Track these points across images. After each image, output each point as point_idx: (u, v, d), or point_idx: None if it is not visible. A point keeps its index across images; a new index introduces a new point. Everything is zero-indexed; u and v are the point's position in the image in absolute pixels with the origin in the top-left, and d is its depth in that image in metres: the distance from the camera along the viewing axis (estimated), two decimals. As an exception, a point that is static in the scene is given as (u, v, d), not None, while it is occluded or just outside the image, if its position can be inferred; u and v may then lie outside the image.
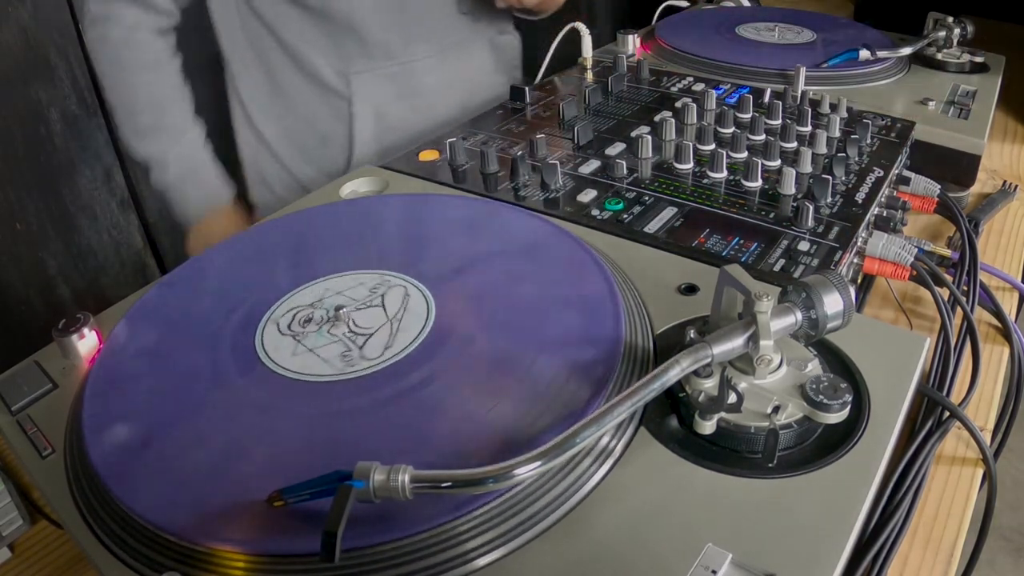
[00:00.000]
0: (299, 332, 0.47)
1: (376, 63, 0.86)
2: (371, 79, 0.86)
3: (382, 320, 0.47)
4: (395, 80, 0.88)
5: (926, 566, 0.45)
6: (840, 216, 0.59)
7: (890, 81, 0.88)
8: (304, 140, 0.90)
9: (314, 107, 0.88)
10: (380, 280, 0.51)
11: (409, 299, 0.48)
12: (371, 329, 0.46)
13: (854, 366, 0.43)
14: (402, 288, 0.50)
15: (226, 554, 0.34)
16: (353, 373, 0.43)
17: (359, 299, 0.49)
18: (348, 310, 0.48)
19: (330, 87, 0.86)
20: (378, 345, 0.45)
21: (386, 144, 0.90)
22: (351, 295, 0.49)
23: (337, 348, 0.45)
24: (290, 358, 0.45)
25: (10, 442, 0.44)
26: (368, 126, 0.88)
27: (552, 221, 0.56)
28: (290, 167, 0.92)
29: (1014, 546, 1.54)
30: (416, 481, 0.33)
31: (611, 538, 0.35)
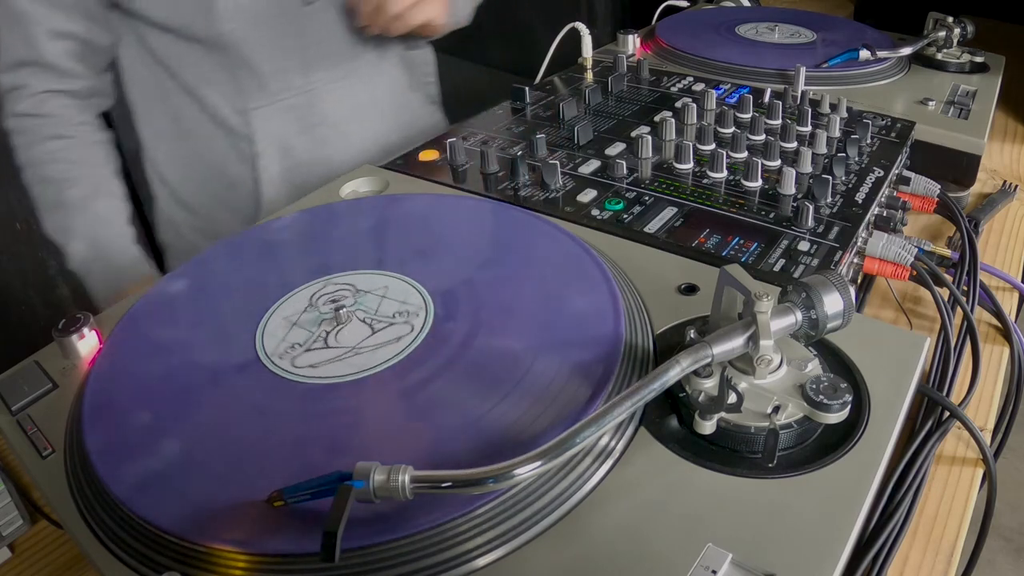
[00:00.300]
0: (299, 333, 0.47)
1: (275, 95, 0.79)
2: (271, 113, 0.80)
3: (381, 320, 0.47)
4: (297, 111, 0.82)
5: (926, 566, 0.45)
6: (840, 216, 0.59)
7: (890, 81, 0.88)
8: (213, 186, 0.84)
9: (219, 149, 0.82)
10: (380, 280, 0.51)
11: (409, 299, 0.48)
12: (371, 329, 0.46)
13: (854, 366, 0.43)
14: (402, 288, 0.50)
15: (226, 554, 0.34)
16: (353, 373, 0.43)
17: (359, 299, 0.49)
18: (348, 310, 0.48)
19: (231, 127, 0.80)
20: (378, 345, 0.45)
21: (297, 182, 0.84)
22: (351, 295, 0.49)
23: (337, 348, 0.45)
24: (290, 358, 0.45)
25: (10, 442, 0.44)
26: (274, 164, 0.82)
27: (552, 221, 0.56)
28: (201, 214, 0.86)
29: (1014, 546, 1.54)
30: (416, 481, 0.33)
31: (611, 538, 0.35)
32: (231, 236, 0.59)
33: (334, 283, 0.51)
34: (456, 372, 0.43)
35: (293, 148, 0.83)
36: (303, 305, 0.49)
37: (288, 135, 0.82)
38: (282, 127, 0.81)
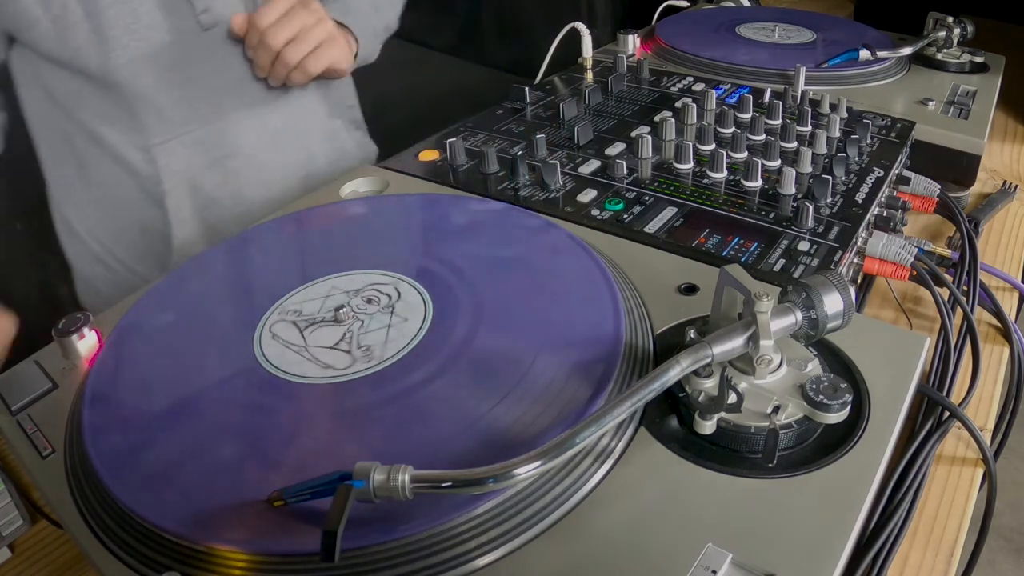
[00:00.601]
0: (298, 332, 0.47)
1: (179, 128, 0.74)
2: (176, 148, 0.74)
3: (381, 321, 0.47)
4: (204, 144, 0.76)
5: (926, 566, 0.45)
6: (840, 216, 0.59)
7: (890, 81, 0.88)
8: (125, 234, 0.78)
9: (127, 193, 0.75)
10: (380, 280, 0.51)
11: (408, 299, 0.48)
12: (370, 329, 0.46)
13: (854, 366, 0.43)
14: (401, 288, 0.50)
15: (226, 554, 0.34)
16: (352, 373, 0.43)
17: (358, 299, 0.49)
18: (347, 310, 0.48)
19: (135, 166, 0.74)
20: (377, 345, 0.45)
21: (211, 220, 0.78)
22: (350, 295, 0.49)
23: (337, 348, 0.45)
24: (289, 358, 0.45)
25: (10, 442, 0.44)
26: (184, 203, 0.76)
27: (552, 221, 0.56)
28: (113, 266, 0.79)
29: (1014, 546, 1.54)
30: (416, 481, 0.33)
31: (611, 538, 0.35)
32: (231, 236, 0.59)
33: (334, 283, 0.51)
34: (456, 372, 0.43)
35: (203, 184, 0.77)
36: (303, 305, 0.49)
37: (196, 170, 0.76)
38: (189, 162, 0.75)
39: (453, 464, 0.36)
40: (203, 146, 0.75)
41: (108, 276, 0.80)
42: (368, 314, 0.48)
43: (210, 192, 0.77)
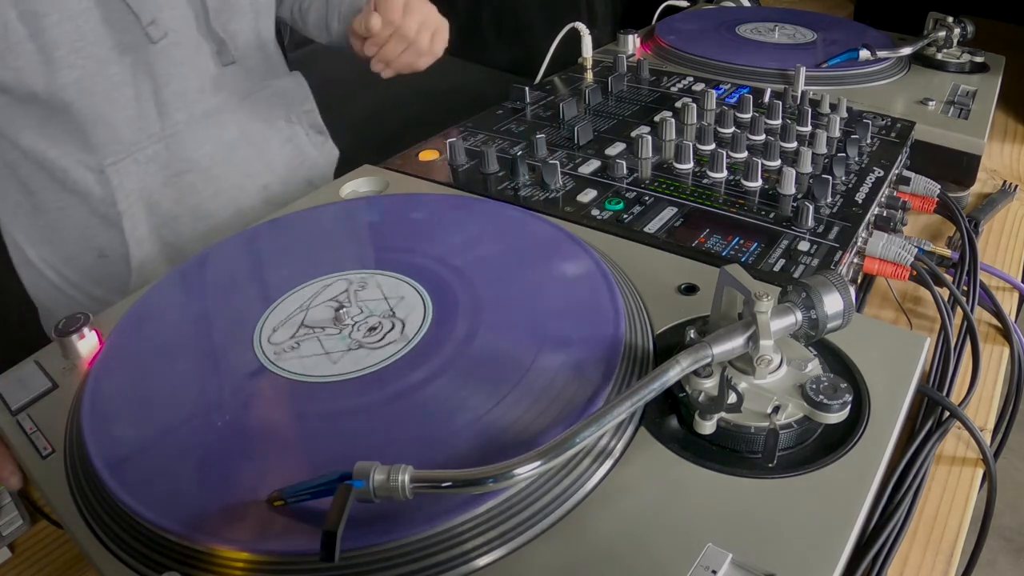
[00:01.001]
0: (298, 332, 0.47)
1: (131, 146, 0.71)
2: (129, 166, 0.71)
3: (381, 320, 0.47)
4: (158, 160, 0.73)
5: (926, 566, 0.45)
6: (840, 216, 0.59)
7: (890, 81, 0.88)
8: (81, 259, 0.76)
9: (80, 217, 0.73)
10: (379, 280, 0.51)
11: (408, 299, 0.48)
12: (370, 329, 0.46)
13: (854, 366, 0.43)
14: (401, 288, 0.50)
15: (226, 554, 0.34)
16: (352, 373, 0.43)
17: (358, 299, 0.49)
18: (347, 310, 0.48)
19: (87, 189, 0.71)
20: (376, 345, 0.45)
21: (170, 239, 0.76)
22: (350, 294, 0.49)
23: (336, 348, 0.45)
24: (289, 358, 0.45)
25: (10, 442, 0.44)
26: (141, 223, 0.74)
27: (552, 221, 0.56)
28: (74, 295, 0.78)
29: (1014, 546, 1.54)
30: (416, 481, 0.33)
31: (611, 538, 0.35)
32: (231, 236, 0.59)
33: (334, 283, 0.51)
34: (456, 372, 0.43)
35: (160, 202, 0.75)
36: (303, 305, 0.49)
37: (152, 188, 0.73)
38: (143, 180, 0.73)
39: (453, 464, 0.36)
40: (157, 163, 0.73)
41: (67, 303, 0.78)
42: (368, 313, 0.47)
43: (168, 209, 0.75)
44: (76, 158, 0.70)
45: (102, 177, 0.70)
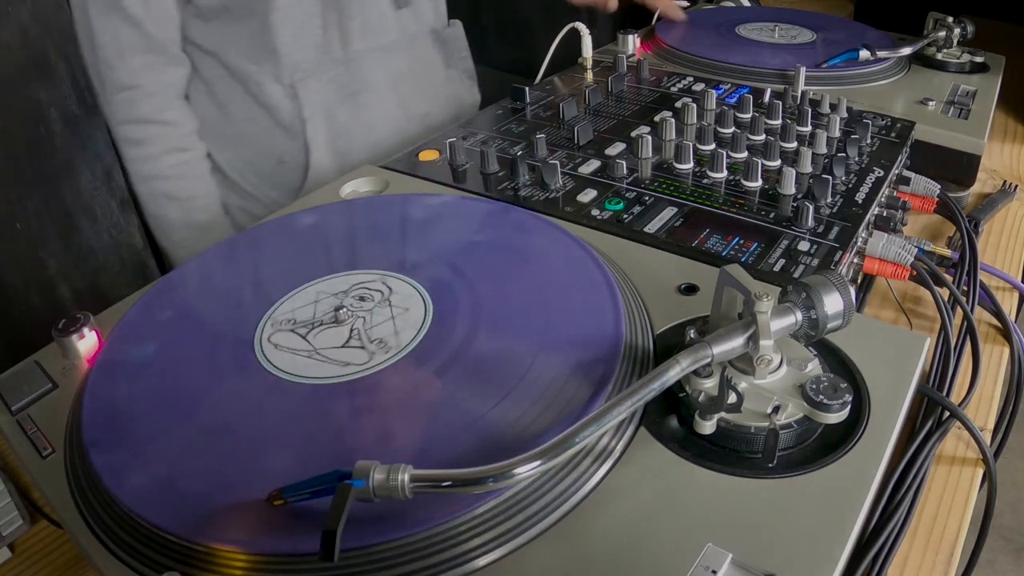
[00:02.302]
0: (298, 332, 0.47)
1: (317, 66, 0.85)
2: (316, 84, 0.85)
3: (381, 321, 0.47)
4: (338, 80, 0.87)
5: (926, 566, 0.45)
6: (840, 216, 0.59)
7: (890, 81, 0.88)
8: (262, 164, 0.89)
9: (266, 127, 0.87)
10: (379, 280, 0.51)
11: (408, 300, 0.48)
12: (370, 329, 0.46)
13: (854, 366, 0.43)
14: (402, 288, 0.50)
15: (226, 554, 0.34)
16: (352, 373, 0.43)
17: (359, 299, 0.49)
18: (348, 310, 0.48)
19: (277, 101, 0.85)
20: (376, 345, 0.45)
21: (342, 148, 0.89)
22: (351, 295, 0.49)
23: (336, 348, 0.45)
24: (289, 358, 0.45)
25: (10, 442, 0.44)
26: (320, 132, 0.87)
27: (552, 221, 0.56)
28: (254, 194, 0.91)
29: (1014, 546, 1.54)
30: (415, 480, 0.33)
31: (611, 538, 0.35)
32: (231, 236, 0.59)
33: (334, 283, 0.51)
34: (456, 372, 0.43)
35: (337, 116, 0.87)
36: (303, 305, 0.49)
37: (331, 103, 0.87)
38: (325, 96, 0.86)
39: (453, 464, 0.36)
40: (337, 83, 0.86)
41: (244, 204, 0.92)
42: (368, 314, 0.47)
43: (343, 123, 0.88)
44: (272, 74, 0.83)
45: (291, 91, 0.84)
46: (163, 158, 0.83)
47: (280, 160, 0.88)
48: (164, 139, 0.83)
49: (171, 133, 0.83)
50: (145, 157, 0.83)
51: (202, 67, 0.84)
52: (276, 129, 0.86)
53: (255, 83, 0.84)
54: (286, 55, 0.82)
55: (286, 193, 0.90)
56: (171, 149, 0.84)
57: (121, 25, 0.77)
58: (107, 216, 1.30)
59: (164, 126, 0.82)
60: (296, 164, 0.88)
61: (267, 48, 0.82)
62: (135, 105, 0.81)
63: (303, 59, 0.83)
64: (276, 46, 0.82)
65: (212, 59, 0.83)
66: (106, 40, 0.77)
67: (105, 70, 0.79)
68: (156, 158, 0.83)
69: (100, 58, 0.78)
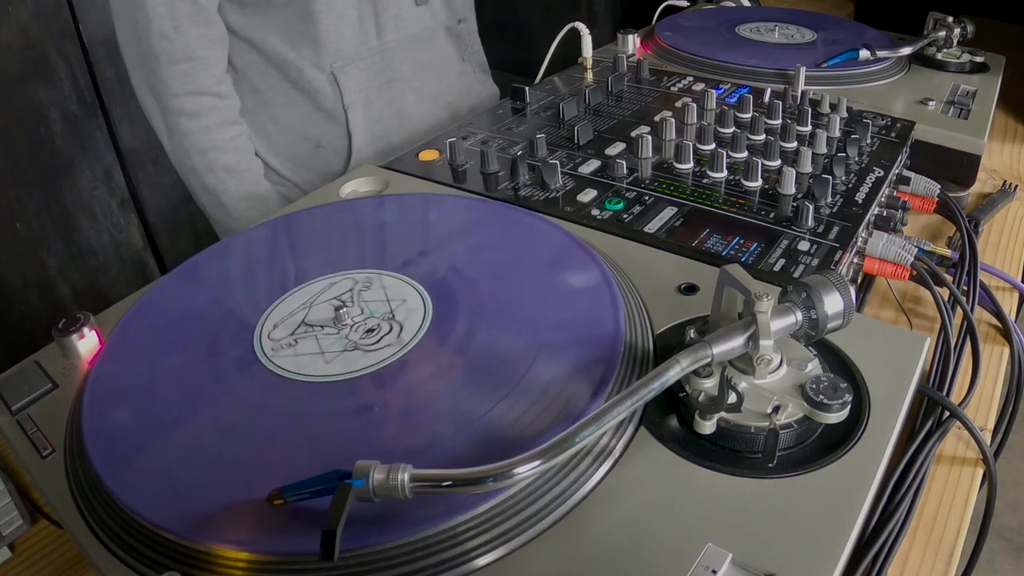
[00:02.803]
0: (298, 332, 0.47)
1: (355, 54, 0.88)
2: (354, 71, 0.89)
3: (381, 320, 0.47)
4: (374, 68, 0.91)
5: (926, 566, 0.45)
6: (840, 216, 0.59)
7: (890, 81, 0.88)
8: (299, 148, 0.92)
9: (303, 113, 0.89)
10: (379, 280, 0.51)
11: (408, 299, 0.48)
12: (369, 329, 0.46)
13: (854, 366, 0.43)
14: (402, 288, 0.50)
15: (226, 554, 0.34)
16: (352, 373, 0.43)
17: (358, 298, 0.49)
18: (347, 310, 0.48)
19: (318, 87, 0.88)
20: (376, 345, 0.45)
21: (379, 133, 0.93)
22: (350, 294, 0.49)
23: (336, 348, 0.45)
24: (289, 358, 0.45)
25: (10, 442, 0.44)
26: (359, 117, 0.90)
27: (552, 221, 0.56)
28: (290, 178, 0.93)
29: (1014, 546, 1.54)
30: (415, 480, 0.33)
31: (611, 538, 0.35)
32: (231, 236, 0.59)
33: (334, 283, 0.51)
34: (456, 372, 0.43)
35: (374, 102, 0.92)
36: (303, 304, 0.49)
37: (369, 89, 0.91)
38: (363, 83, 0.90)
39: (453, 464, 0.36)
40: (374, 71, 0.91)
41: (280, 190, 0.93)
42: (368, 313, 0.47)
43: (380, 109, 0.93)
44: (312, 61, 0.86)
45: (331, 78, 0.88)
46: (221, 129, 0.84)
47: (318, 144, 0.91)
48: (220, 111, 0.84)
49: (226, 106, 0.85)
50: (204, 128, 0.83)
51: (234, 54, 0.86)
52: (316, 114, 0.89)
53: (295, 69, 0.86)
54: (327, 42, 0.85)
55: (321, 177, 0.92)
56: (227, 122, 0.85)
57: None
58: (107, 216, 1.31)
59: (220, 99, 0.84)
60: (334, 148, 0.91)
61: (308, 35, 0.85)
62: (193, 77, 0.81)
63: (343, 46, 0.87)
64: (318, 33, 0.84)
65: (247, 46, 0.85)
66: (161, 12, 0.77)
67: (159, 42, 0.78)
68: (214, 129, 0.84)
69: (154, 30, 0.77)
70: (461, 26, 1.02)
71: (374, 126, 0.93)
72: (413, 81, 0.95)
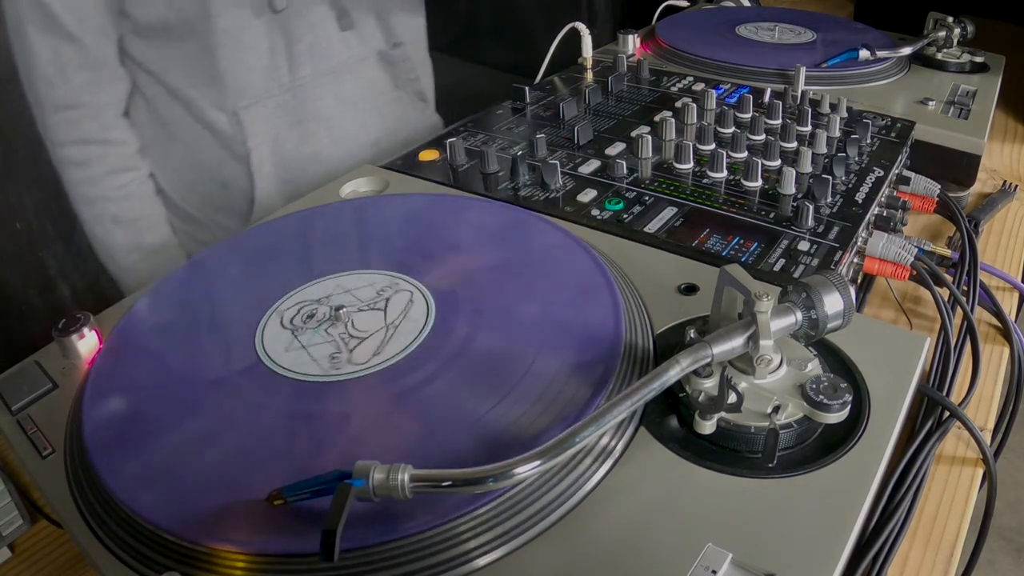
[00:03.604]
0: (299, 332, 0.47)
1: (264, 92, 0.82)
2: (261, 110, 0.82)
3: (381, 320, 0.47)
4: (285, 107, 0.84)
5: (926, 566, 0.45)
6: (840, 216, 0.59)
7: (890, 81, 0.88)
8: (205, 187, 0.84)
9: (210, 150, 0.82)
10: (380, 280, 0.51)
11: (409, 299, 0.48)
12: (370, 328, 0.46)
13: (854, 366, 0.43)
14: (402, 288, 0.50)
15: (226, 554, 0.34)
16: (353, 373, 0.43)
17: (359, 299, 0.49)
18: (348, 310, 0.48)
19: (221, 127, 0.81)
20: (377, 344, 0.45)
21: (288, 177, 0.86)
22: (351, 294, 0.49)
23: (336, 348, 0.45)
24: (289, 358, 0.45)
25: (10, 442, 0.44)
26: (266, 161, 0.84)
27: (552, 221, 0.56)
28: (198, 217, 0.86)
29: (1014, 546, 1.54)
30: (415, 480, 0.33)
31: (611, 538, 0.35)
32: (231, 236, 0.59)
33: (334, 283, 0.51)
34: (456, 372, 0.43)
35: (284, 144, 0.85)
36: (303, 304, 0.49)
37: (278, 131, 0.84)
38: (272, 123, 0.83)
39: (453, 464, 0.36)
40: (284, 109, 0.84)
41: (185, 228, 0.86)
42: (368, 314, 0.47)
43: (289, 151, 0.86)
44: (212, 100, 0.79)
45: (234, 118, 0.81)
46: (107, 179, 0.78)
47: (225, 184, 0.84)
48: (108, 160, 0.77)
49: (115, 153, 0.78)
50: (89, 179, 0.77)
51: (143, 84, 0.80)
52: (221, 151, 0.83)
53: (196, 107, 0.79)
54: (230, 80, 0.79)
55: (232, 217, 0.85)
56: (115, 170, 0.78)
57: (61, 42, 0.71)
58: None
59: (108, 145, 0.77)
60: (240, 190, 0.84)
61: (208, 72, 0.78)
62: (77, 125, 0.75)
63: (248, 84, 0.80)
64: (218, 71, 0.78)
65: (152, 77, 0.78)
66: (47, 56, 0.71)
67: (44, 88, 0.73)
68: (100, 179, 0.77)
69: (39, 75, 0.72)
70: (395, 51, 0.95)
71: (281, 170, 0.86)
72: (331, 119, 0.89)
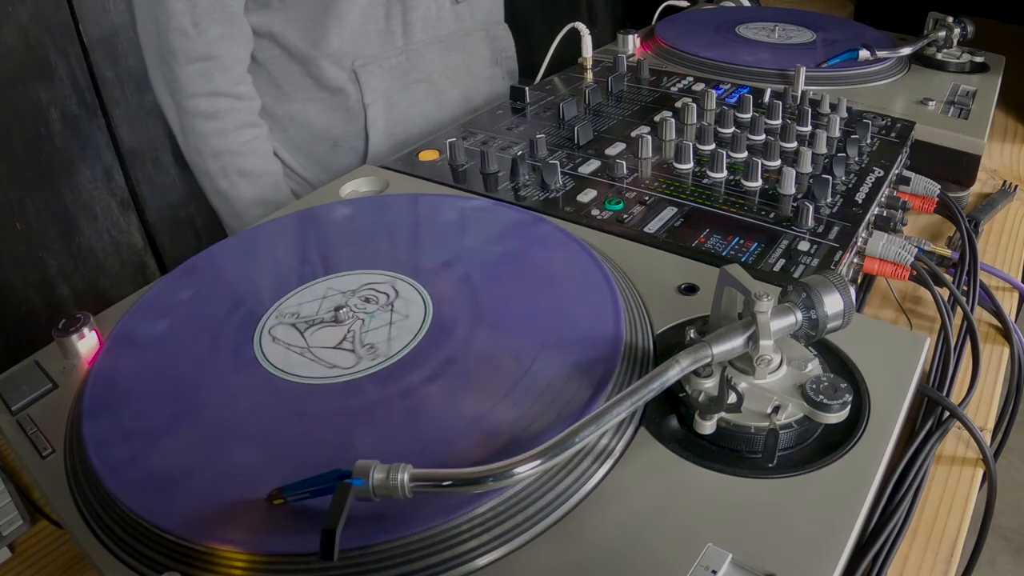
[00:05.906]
0: (298, 332, 0.47)
1: (380, 53, 0.87)
2: (377, 70, 0.87)
3: (381, 320, 0.47)
4: (399, 68, 0.89)
5: (926, 566, 0.45)
6: (840, 216, 0.59)
7: (890, 81, 0.88)
8: (315, 147, 0.90)
9: (323, 110, 0.88)
10: (380, 280, 0.51)
11: (409, 299, 0.48)
12: (370, 329, 0.46)
13: (854, 366, 0.43)
14: (402, 288, 0.50)
15: (226, 553, 0.34)
16: (353, 373, 0.43)
17: (358, 299, 0.49)
18: (347, 310, 0.48)
19: (339, 85, 0.86)
20: (377, 345, 0.45)
21: (399, 134, 0.91)
22: (350, 295, 0.49)
23: (336, 348, 0.45)
24: (288, 358, 0.45)
25: (10, 442, 0.44)
26: (380, 118, 0.89)
27: (552, 221, 0.56)
28: (306, 176, 0.92)
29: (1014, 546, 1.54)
30: (415, 480, 0.33)
31: (611, 538, 0.35)
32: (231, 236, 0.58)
33: (334, 283, 0.51)
34: (456, 372, 0.43)
35: (396, 103, 0.90)
36: (303, 305, 0.49)
37: (392, 90, 0.89)
38: (386, 83, 0.89)
39: (453, 463, 0.36)
40: (398, 71, 0.89)
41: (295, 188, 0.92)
42: (368, 314, 0.48)
43: (401, 110, 0.91)
44: (333, 58, 0.84)
45: (352, 76, 0.86)
46: (237, 132, 0.82)
47: (335, 143, 0.89)
48: (237, 114, 0.82)
49: (244, 108, 0.82)
50: (220, 131, 0.81)
51: (255, 48, 0.84)
52: (335, 112, 0.88)
53: (316, 66, 0.84)
54: (348, 41, 0.84)
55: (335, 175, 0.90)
56: (244, 124, 0.83)
57: None
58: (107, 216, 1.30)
59: (238, 100, 0.82)
60: (351, 148, 0.89)
61: (330, 32, 0.83)
62: (210, 77, 0.78)
63: (366, 45, 0.85)
64: (339, 32, 0.83)
65: (268, 40, 0.83)
66: (181, 8, 0.74)
67: (178, 39, 0.75)
68: (229, 132, 0.81)
69: (173, 26, 0.75)
70: (499, 28, 1.01)
71: (394, 128, 0.91)
72: (439, 83, 0.93)
